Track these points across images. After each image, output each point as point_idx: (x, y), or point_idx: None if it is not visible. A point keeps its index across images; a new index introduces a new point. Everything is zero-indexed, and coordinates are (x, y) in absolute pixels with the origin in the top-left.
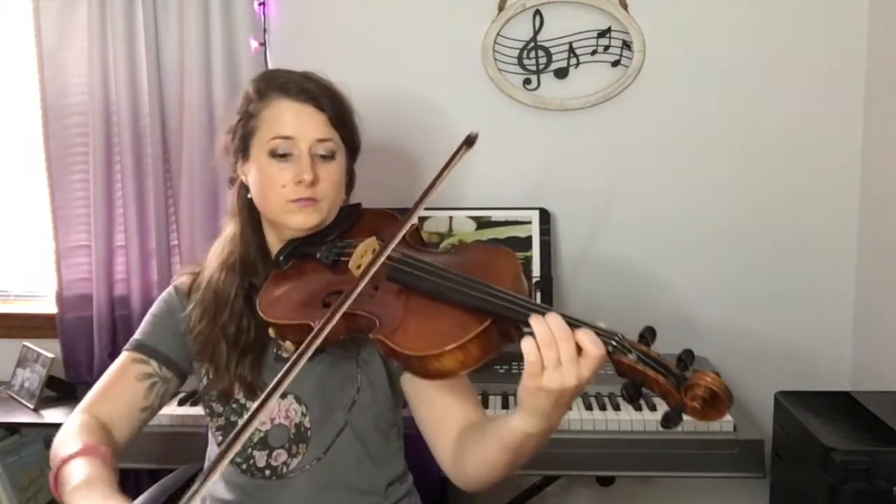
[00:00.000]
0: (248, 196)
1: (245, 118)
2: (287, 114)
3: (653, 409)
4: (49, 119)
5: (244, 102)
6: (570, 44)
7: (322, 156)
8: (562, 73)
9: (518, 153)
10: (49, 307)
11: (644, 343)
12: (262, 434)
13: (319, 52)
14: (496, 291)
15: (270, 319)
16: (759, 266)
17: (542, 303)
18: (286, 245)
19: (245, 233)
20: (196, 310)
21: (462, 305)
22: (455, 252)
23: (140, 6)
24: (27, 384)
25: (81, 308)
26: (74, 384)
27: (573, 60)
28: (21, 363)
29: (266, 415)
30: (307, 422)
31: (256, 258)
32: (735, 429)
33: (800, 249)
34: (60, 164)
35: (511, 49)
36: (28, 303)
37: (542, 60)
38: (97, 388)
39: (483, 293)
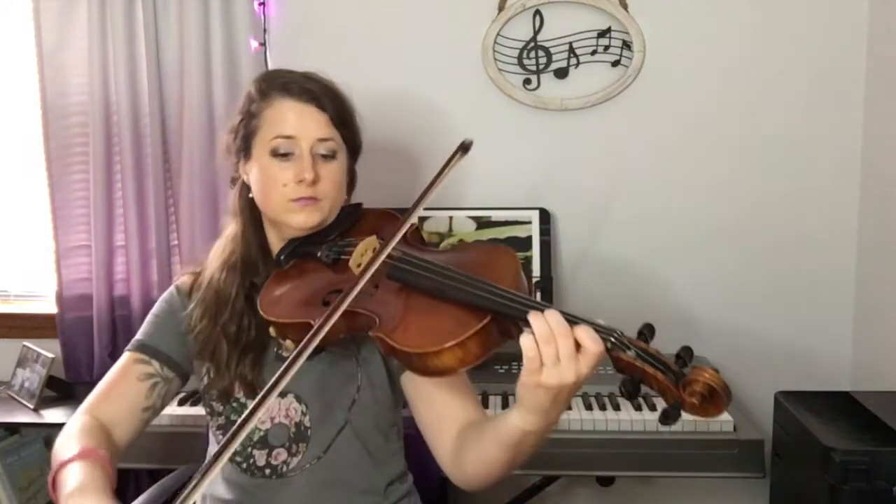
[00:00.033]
0: (250, 196)
1: (247, 118)
2: (289, 113)
3: (653, 409)
4: (49, 119)
5: (246, 102)
6: (570, 44)
7: (323, 155)
8: (562, 73)
9: (518, 153)
10: (49, 307)
11: (643, 340)
12: (263, 433)
13: (319, 52)
14: (495, 289)
15: (271, 318)
16: (759, 266)
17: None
18: (287, 244)
19: (246, 232)
20: (197, 309)
21: (462, 303)
22: (455, 251)
23: (140, 6)
24: (27, 384)
25: (81, 308)
26: (74, 384)
27: (573, 60)
28: (21, 363)
29: (266, 413)
30: (307, 421)
31: (258, 257)
32: (735, 429)
33: (800, 249)
34: (60, 164)
35: (511, 49)
36: (28, 303)
37: (542, 60)
38: (99, 389)
39: (482, 291)
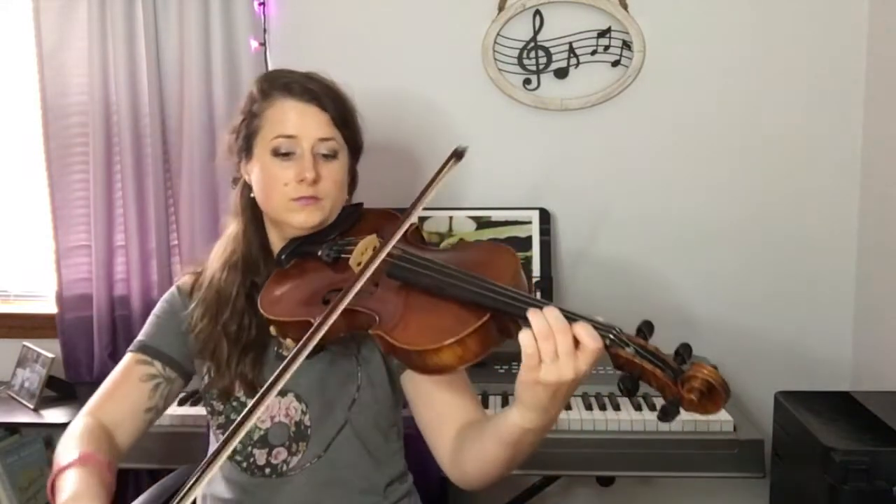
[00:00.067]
0: (251, 195)
1: (249, 117)
2: (290, 113)
3: (652, 409)
4: (49, 119)
5: (248, 102)
6: (570, 44)
7: (324, 155)
8: (562, 73)
9: (518, 153)
10: (49, 307)
11: (642, 337)
12: (263, 432)
13: (319, 52)
14: (495, 287)
15: (272, 317)
16: (759, 266)
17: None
18: (288, 244)
19: (248, 232)
20: (198, 308)
21: (461, 301)
22: (455, 249)
23: (140, 6)
24: (27, 384)
25: (81, 308)
26: (74, 384)
27: (573, 60)
28: (21, 363)
29: (266, 413)
30: (307, 420)
31: (259, 257)
32: (735, 429)
33: (800, 249)
34: (60, 164)
35: (511, 49)
36: (28, 303)
37: (542, 60)
38: (102, 390)
39: (482, 289)
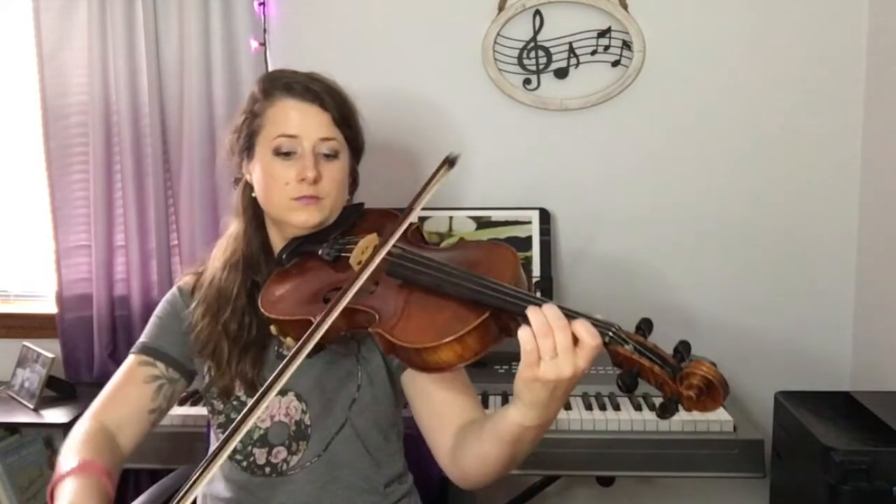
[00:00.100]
0: (253, 195)
1: (250, 117)
2: (292, 112)
3: (652, 409)
4: (49, 119)
5: (250, 102)
6: (570, 44)
7: (325, 154)
8: (562, 73)
9: (518, 153)
10: (49, 307)
11: (641, 334)
12: (263, 431)
13: (319, 52)
14: (494, 285)
15: (272, 316)
16: (759, 266)
17: None
18: (289, 243)
19: (249, 231)
20: (199, 307)
21: (461, 299)
22: (455, 248)
23: (140, 6)
24: (27, 384)
25: (81, 308)
26: (74, 384)
27: (573, 60)
28: (21, 363)
29: (266, 412)
30: (307, 419)
31: (259, 256)
32: (735, 429)
33: (800, 249)
34: (60, 164)
35: (511, 49)
36: (28, 303)
37: (542, 60)
38: (105, 393)
39: (481, 287)
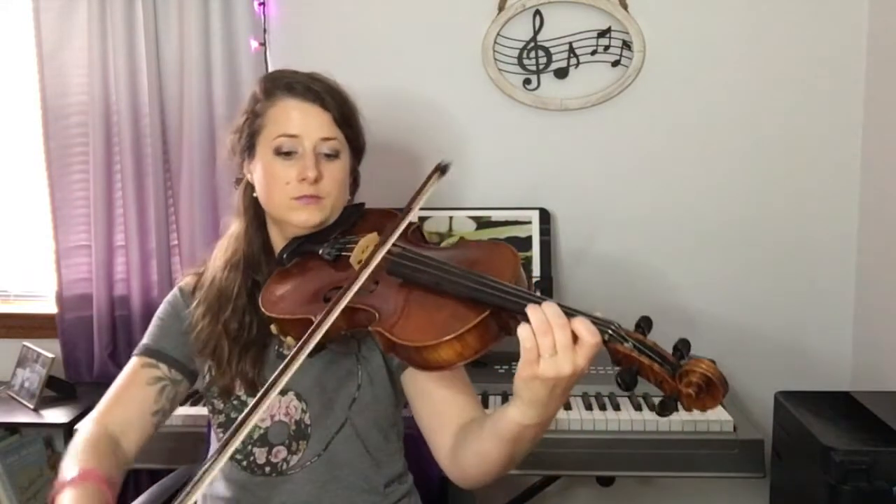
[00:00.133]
0: (254, 195)
1: (251, 117)
2: (293, 112)
3: (652, 409)
4: (49, 119)
5: (251, 102)
6: (570, 44)
7: (326, 154)
8: (562, 73)
9: (518, 153)
10: (49, 307)
11: (640, 332)
12: (263, 431)
13: (319, 52)
14: (494, 283)
15: (272, 315)
16: (759, 266)
17: None
18: (290, 243)
19: (249, 231)
20: (199, 307)
21: (461, 297)
22: (456, 248)
23: (140, 6)
24: (27, 384)
25: (81, 308)
26: (74, 384)
27: (573, 60)
28: (21, 363)
29: (266, 411)
30: (307, 419)
31: (260, 256)
32: (735, 429)
33: (800, 249)
34: (60, 164)
35: (511, 49)
36: (28, 303)
37: (542, 60)
38: (108, 396)
39: (481, 285)
